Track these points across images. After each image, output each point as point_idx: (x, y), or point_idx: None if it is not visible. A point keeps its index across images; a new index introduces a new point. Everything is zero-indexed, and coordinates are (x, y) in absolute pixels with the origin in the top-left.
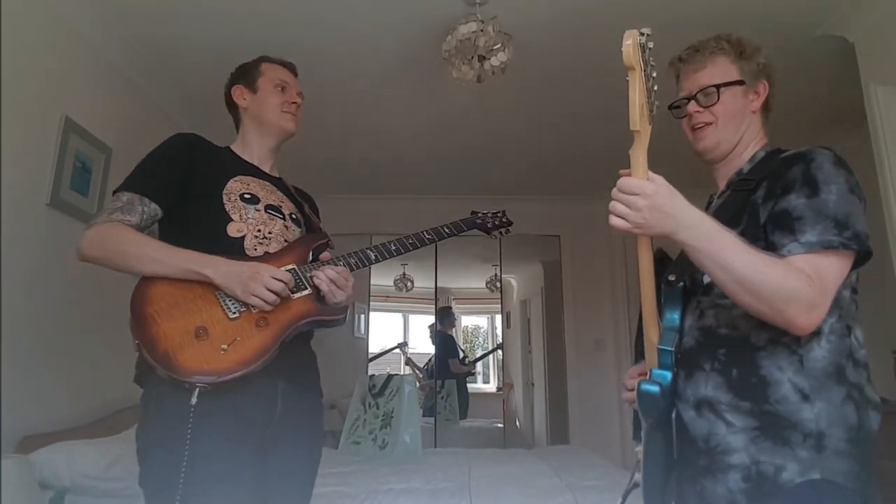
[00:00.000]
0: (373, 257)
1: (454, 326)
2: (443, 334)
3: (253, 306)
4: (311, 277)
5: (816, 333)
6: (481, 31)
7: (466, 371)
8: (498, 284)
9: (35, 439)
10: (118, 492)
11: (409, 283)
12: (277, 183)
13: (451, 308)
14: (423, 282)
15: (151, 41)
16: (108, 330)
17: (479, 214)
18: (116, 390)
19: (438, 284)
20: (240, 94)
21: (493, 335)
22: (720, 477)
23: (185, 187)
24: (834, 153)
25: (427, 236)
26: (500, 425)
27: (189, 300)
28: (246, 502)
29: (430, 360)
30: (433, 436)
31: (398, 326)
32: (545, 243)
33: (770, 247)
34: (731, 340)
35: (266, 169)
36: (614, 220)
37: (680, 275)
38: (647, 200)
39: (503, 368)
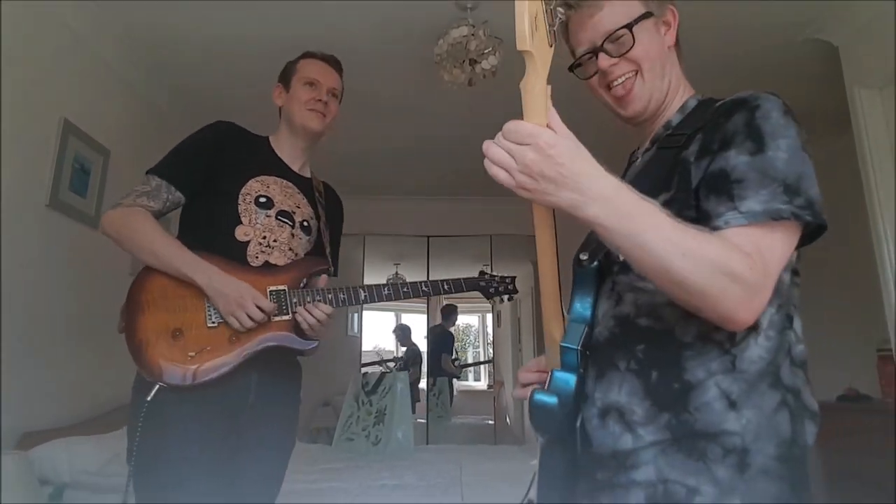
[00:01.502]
0: (362, 297)
1: (454, 325)
2: (443, 330)
3: (236, 329)
4: (296, 306)
5: (754, 328)
6: (472, 35)
7: (452, 373)
8: None
9: (34, 436)
10: (117, 487)
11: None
12: (302, 184)
13: (456, 307)
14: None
15: (150, 45)
16: (106, 328)
17: (486, 277)
18: (115, 387)
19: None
20: (278, 94)
21: (484, 334)
22: (619, 493)
23: (211, 179)
24: (783, 101)
25: (423, 288)
26: (490, 422)
27: (179, 296)
28: (213, 473)
29: (399, 356)
30: (425, 433)
31: (391, 325)
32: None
33: (702, 216)
34: (654, 334)
35: (296, 168)
36: (492, 169)
37: (594, 252)
38: (539, 155)
39: (494, 366)
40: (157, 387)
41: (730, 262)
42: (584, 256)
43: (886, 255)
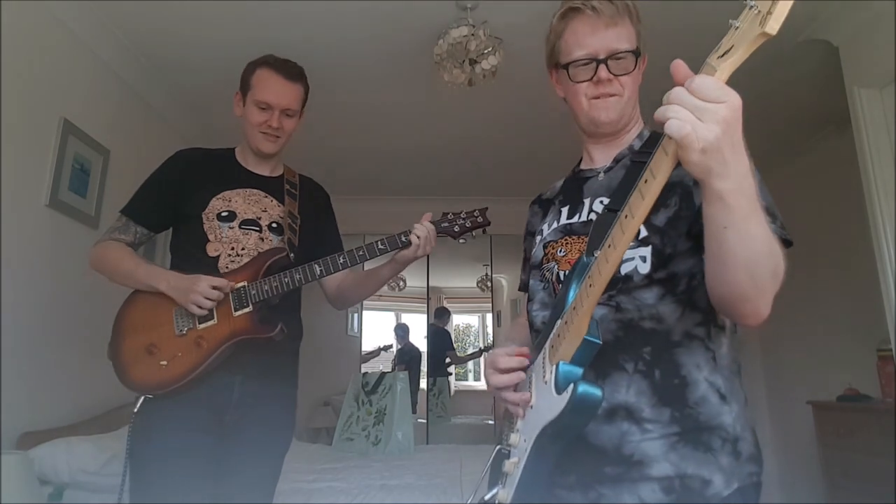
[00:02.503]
0: (318, 272)
1: (447, 324)
2: (440, 330)
3: (196, 315)
4: (255, 297)
5: (723, 328)
6: (472, 35)
7: (465, 359)
8: (489, 284)
9: (34, 436)
10: (116, 487)
11: (401, 283)
12: (271, 185)
13: (447, 309)
14: (415, 281)
15: (149, 45)
16: (105, 328)
17: (449, 217)
18: (114, 388)
19: (430, 284)
20: (236, 103)
21: (484, 334)
22: (628, 486)
23: (175, 207)
24: None
25: (380, 246)
26: (490, 422)
27: (154, 315)
28: (198, 473)
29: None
30: (425, 432)
31: (391, 325)
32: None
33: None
34: (657, 336)
35: (265, 171)
36: (678, 125)
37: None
38: (733, 113)
39: None
40: (143, 399)
41: (781, 265)
42: (598, 253)
43: (886, 255)
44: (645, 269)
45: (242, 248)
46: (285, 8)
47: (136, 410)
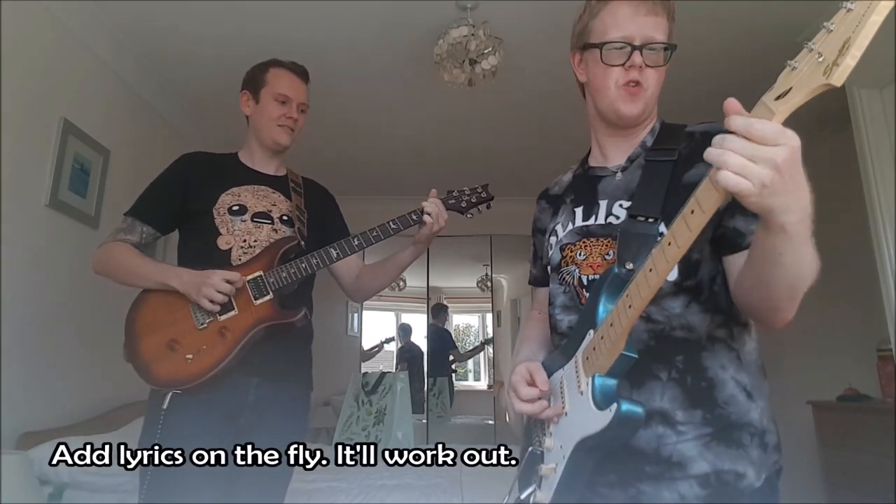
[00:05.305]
0: (334, 255)
1: (446, 321)
2: (440, 328)
3: (210, 310)
4: (273, 286)
5: (746, 326)
6: (472, 35)
7: (467, 356)
8: (489, 284)
9: (34, 436)
10: (116, 487)
11: (401, 283)
12: (277, 183)
13: (446, 306)
14: (415, 281)
15: (150, 45)
16: (105, 328)
17: (455, 194)
18: (114, 387)
19: (430, 284)
20: (245, 101)
21: (484, 333)
22: (667, 484)
23: (184, 207)
24: None
25: (392, 225)
26: (490, 422)
27: (169, 312)
28: (214, 478)
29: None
30: (425, 432)
31: (391, 325)
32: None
33: (731, 231)
34: (688, 344)
35: (270, 170)
36: (733, 179)
37: (632, 260)
38: (792, 155)
39: (494, 366)
40: (171, 394)
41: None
42: (629, 266)
43: (886, 254)
44: (672, 275)
45: (255, 241)
46: (286, 8)
47: (164, 407)
